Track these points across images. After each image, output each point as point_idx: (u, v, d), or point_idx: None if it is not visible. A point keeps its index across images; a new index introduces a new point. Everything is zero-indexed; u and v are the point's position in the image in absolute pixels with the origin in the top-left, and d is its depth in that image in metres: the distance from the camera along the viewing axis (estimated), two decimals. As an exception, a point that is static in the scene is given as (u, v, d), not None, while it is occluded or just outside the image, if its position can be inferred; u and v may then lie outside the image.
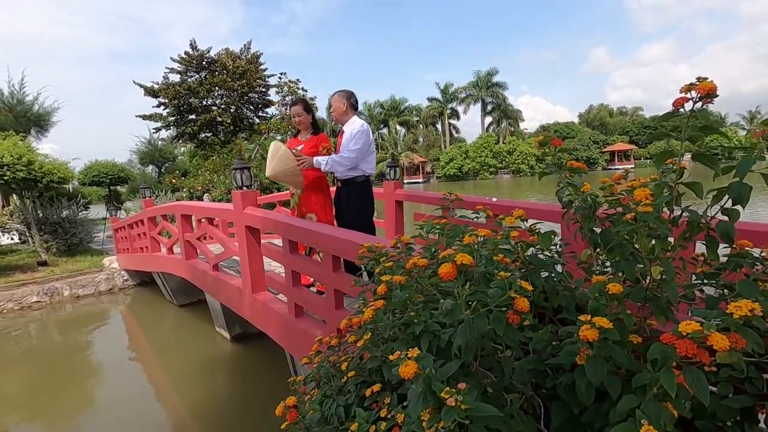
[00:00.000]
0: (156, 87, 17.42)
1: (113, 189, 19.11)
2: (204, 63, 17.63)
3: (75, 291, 8.01)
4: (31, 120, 13.65)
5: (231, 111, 18.22)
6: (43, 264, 8.70)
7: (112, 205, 10.24)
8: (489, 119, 52.67)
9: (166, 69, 17.71)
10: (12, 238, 10.43)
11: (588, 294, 1.01)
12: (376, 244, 1.48)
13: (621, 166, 43.95)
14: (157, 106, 17.89)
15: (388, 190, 4.79)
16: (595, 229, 1.10)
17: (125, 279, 8.49)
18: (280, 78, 17.77)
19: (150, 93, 17.48)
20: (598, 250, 1.11)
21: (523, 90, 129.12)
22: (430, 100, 52.74)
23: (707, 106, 0.94)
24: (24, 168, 7.89)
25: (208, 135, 18.60)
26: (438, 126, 54.44)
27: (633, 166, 43.19)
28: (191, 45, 17.39)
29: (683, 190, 1.03)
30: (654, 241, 0.96)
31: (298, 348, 3.02)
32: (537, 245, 1.19)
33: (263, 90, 18.73)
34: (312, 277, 3.25)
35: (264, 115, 18.95)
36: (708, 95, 0.90)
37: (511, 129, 51.11)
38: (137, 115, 18.13)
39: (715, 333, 0.67)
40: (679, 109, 0.96)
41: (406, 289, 1.11)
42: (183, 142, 19.80)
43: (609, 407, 0.79)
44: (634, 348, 0.91)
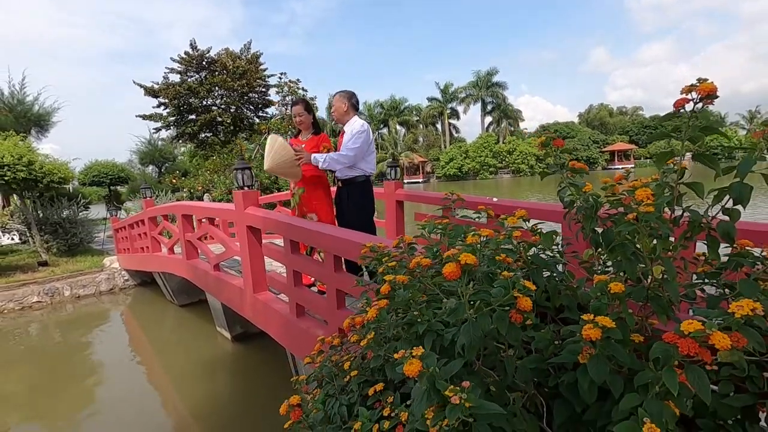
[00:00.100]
0: (156, 87, 17.43)
1: (113, 189, 19.13)
2: (204, 63, 17.64)
3: (75, 291, 8.01)
4: (32, 120, 13.65)
5: (231, 111, 18.23)
6: (44, 264, 8.71)
7: (112, 205, 10.23)
8: (489, 119, 52.68)
9: (166, 69, 17.73)
10: (12, 238, 10.42)
11: (590, 293, 1.02)
12: (378, 244, 1.48)
13: (621, 165, 43.99)
14: (157, 106, 17.91)
15: (388, 190, 4.79)
16: (597, 229, 1.10)
17: (126, 279, 8.49)
18: (280, 78, 17.75)
19: (150, 93, 17.49)
20: (599, 249, 1.11)
21: (523, 90, 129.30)
22: (430, 99, 52.70)
23: (708, 106, 0.94)
24: (24, 168, 7.90)
25: (208, 135, 18.61)
26: (438, 126, 54.39)
27: (633, 165, 43.21)
28: (191, 45, 17.40)
29: (684, 190, 1.04)
30: (655, 241, 0.97)
31: (299, 347, 3.02)
32: (539, 245, 1.20)
33: (263, 90, 18.74)
34: (313, 277, 3.25)
35: (264, 115, 18.96)
36: (708, 96, 0.91)
37: (511, 129, 51.08)
38: (137, 115, 18.17)
39: (717, 332, 0.68)
40: (680, 110, 0.96)
41: (409, 289, 1.12)
42: (183, 142, 19.82)
43: (611, 405, 0.80)
44: (635, 347, 0.91)
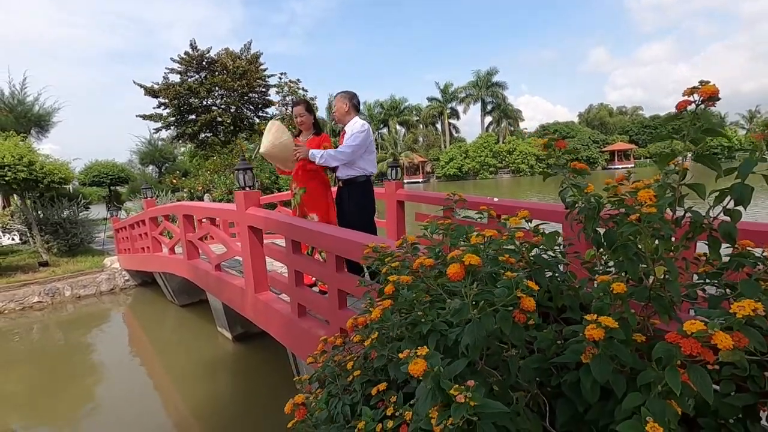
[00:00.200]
0: (156, 87, 17.44)
1: (113, 189, 19.11)
2: (204, 63, 17.65)
3: (76, 291, 8.01)
4: (32, 120, 13.65)
5: (231, 111, 18.25)
6: (45, 264, 8.71)
7: (112, 206, 10.21)
8: (489, 119, 52.65)
9: (166, 69, 17.76)
10: (13, 238, 10.43)
11: (592, 293, 1.03)
12: (381, 244, 1.49)
13: (621, 165, 44.07)
14: (158, 106, 17.93)
15: (389, 190, 4.80)
16: (599, 230, 1.11)
17: (126, 279, 8.49)
18: (280, 78, 17.81)
19: (150, 93, 17.50)
20: (601, 250, 1.12)
21: (523, 90, 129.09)
22: (430, 99, 52.66)
23: (709, 108, 0.95)
24: (25, 168, 7.91)
25: (208, 135, 18.62)
26: (438, 126, 54.37)
27: (633, 165, 43.26)
28: (191, 45, 17.42)
29: (686, 191, 1.04)
30: (657, 242, 0.98)
31: (301, 347, 3.03)
32: (541, 245, 1.20)
33: (263, 90, 18.77)
34: (315, 277, 3.26)
35: (264, 115, 18.98)
36: (710, 99, 0.92)
37: (511, 129, 51.05)
38: (137, 115, 18.21)
39: (719, 332, 0.68)
40: (682, 112, 0.97)
41: (413, 289, 1.13)
42: (183, 142, 19.83)
43: (614, 405, 0.81)
44: (638, 347, 0.92)
